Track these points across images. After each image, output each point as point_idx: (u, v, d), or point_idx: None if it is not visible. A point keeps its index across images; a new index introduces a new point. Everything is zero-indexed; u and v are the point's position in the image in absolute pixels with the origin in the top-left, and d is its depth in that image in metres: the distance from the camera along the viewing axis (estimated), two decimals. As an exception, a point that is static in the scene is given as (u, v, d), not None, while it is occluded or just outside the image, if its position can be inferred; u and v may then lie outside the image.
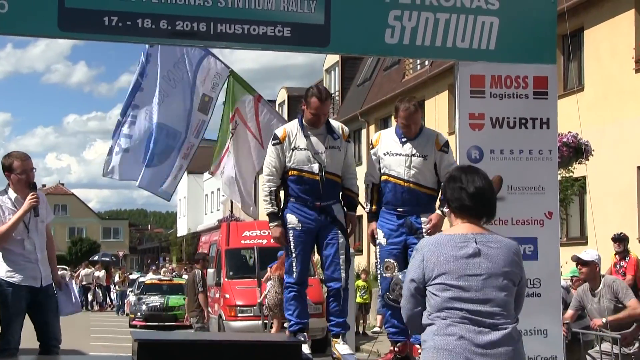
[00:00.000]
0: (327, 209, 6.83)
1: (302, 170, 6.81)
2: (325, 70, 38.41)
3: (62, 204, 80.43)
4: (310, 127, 6.86)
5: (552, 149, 6.67)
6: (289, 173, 6.86)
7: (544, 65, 6.62)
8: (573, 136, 13.99)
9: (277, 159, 6.87)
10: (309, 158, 6.81)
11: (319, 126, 6.87)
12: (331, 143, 6.89)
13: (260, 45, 6.08)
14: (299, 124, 6.94)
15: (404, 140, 6.83)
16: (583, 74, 20.57)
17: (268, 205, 6.90)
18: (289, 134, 6.88)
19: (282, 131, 6.95)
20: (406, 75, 30.01)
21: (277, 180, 6.89)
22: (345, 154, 6.97)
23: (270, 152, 6.93)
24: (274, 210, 6.88)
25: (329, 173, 6.82)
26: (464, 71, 6.55)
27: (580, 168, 14.86)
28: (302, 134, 6.87)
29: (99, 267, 39.19)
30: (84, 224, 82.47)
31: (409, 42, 6.29)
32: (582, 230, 20.59)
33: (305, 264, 6.97)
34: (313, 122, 6.83)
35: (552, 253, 6.59)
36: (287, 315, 7.02)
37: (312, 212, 6.80)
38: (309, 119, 6.84)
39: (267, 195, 6.89)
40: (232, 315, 17.54)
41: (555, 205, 6.66)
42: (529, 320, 6.35)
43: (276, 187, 6.90)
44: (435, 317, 3.90)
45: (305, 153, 6.83)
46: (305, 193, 6.80)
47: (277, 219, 6.88)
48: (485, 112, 6.54)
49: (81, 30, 5.78)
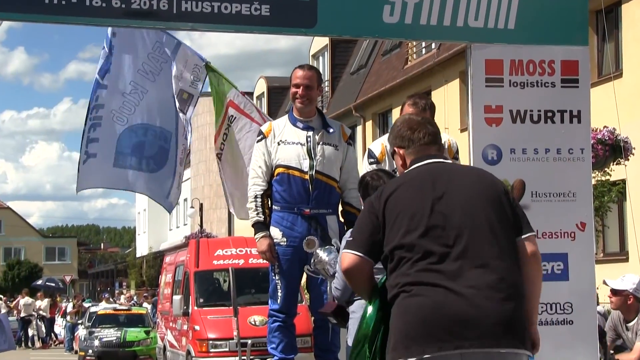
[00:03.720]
0: (318, 219, 6.85)
1: (289, 167, 6.84)
2: (313, 55, 38.44)
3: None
4: (302, 119, 6.89)
5: (585, 147, 6.70)
6: (274, 173, 6.90)
7: (574, 47, 6.64)
8: (609, 132, 14.03)
9: (262, 158, 6.91)
10: (298, 153, 6.84)
11: (302, 104, 6.92)
12: (326, 138, 6.92)
13: (233, 26, 6.09)
14: (289, 117, 7.00)
15: None
16: (621, 58, 20.63)
17: (253, 213, 6.92)
18: (275, 127, 6.96)
19: (268, 125, 7.05)
20: (409, 61, 30.06)
21: (264, 184, 6.93)
22: (345, 156, 7.00)
23: (255, 151, 6.98)
24: (259, 219, 6.91)
25: (322, 173, 6.84)
26: (478, 55, 6.57)
27: (618, 170, 14.89)
28: (291, 126, 6.91)
29: (41, 296, 39.04)
30: (22, 243, 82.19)
31: (412, 21, 6.30)
32: (622, 244, 20.63)
33: (292, 288, 6.99)
34: (294, 98, 6.92)
35: (585, 272, 6.61)
36: (270, 349, 7.05)
37: (300, 222, 6.82)
38: (292, 95, 6.96)
39: (251, 201, 6.93)
40: (203, 350, 17.49)
41: (589, 214, 6.68)
42: (559, 353, 6.36)
43: (262, 192, 6.93)
44: None
45: (293, 147, 6.87)
46: (291, 196, 6.82)
47: (264, 229, 6.89)
48: (503, 104, 6.57)
49: (16, 9, 5.77)
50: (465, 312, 4.11)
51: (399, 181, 4.56)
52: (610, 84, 17.89)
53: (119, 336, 26.17)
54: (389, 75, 30.79)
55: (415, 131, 4.65)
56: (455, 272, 4.19)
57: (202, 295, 18.78)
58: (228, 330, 16.55)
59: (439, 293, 4.15)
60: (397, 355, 4.16)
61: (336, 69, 36.73)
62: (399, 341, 4.18)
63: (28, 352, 34.10)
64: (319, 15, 6.14)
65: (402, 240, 4.29)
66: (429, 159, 4.55)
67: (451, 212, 4.31)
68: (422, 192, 4.37)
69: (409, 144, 4.64)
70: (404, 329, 4.18)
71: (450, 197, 4.35)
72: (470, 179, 4.48)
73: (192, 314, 18.34)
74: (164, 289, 22.56)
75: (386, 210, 4.38)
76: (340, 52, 36.75)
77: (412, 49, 29.84)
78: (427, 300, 4.15)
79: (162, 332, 21.83)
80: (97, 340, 26.15)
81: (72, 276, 71.80)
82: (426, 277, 4.19)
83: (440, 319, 4.12)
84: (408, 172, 4.57)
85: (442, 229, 4.28)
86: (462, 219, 4.30)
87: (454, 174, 4.51)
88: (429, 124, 4.73)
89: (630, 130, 14.44)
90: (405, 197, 4.39)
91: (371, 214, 4.45)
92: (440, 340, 4.10)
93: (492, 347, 4.12)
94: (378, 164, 6.77)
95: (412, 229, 4.28)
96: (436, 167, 4.52)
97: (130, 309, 30.37)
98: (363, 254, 4.40)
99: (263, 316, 16.25)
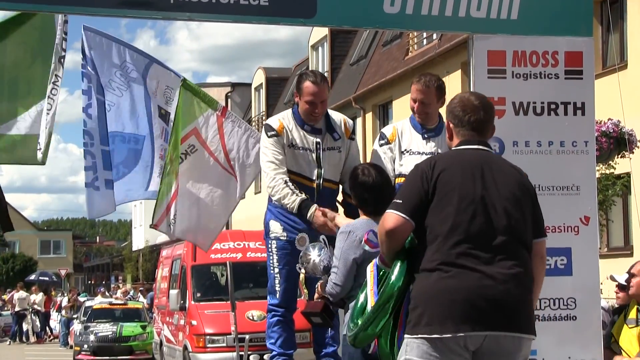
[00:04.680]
0: None
1: (299, 175, 6.83)
2: (312, 46, 38.40)
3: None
4: (306, 123, 6.86)
5: (589, 140, 6.69)
6: None
7: (578, 38, 6.64)
8: (614, 124, 14.02)
9: (278, 150, 6.82)
10: (308, 161, 6.84)
11: (315, 120, 6.87)
12: (330, 144, 6.91)
13: (231, 16, 6.07)
14: (294, 117, 6.94)
15: (426, 135, 6.84)
16: (626, 49, 20.63)
17: (291, 197, 6.70)
18: (286, 125, 6.89)
19: (278, 122, 6.94)
20: (410, 52, 30.04)
21: (286, 172, 6.81)
22: (347, 153, 7.00)
23: (270, 145, 6.86)
24: (302, 196, 6.70)
25: (327, 180, 6.87)
26: (480, 46, 6.56)
27: (623, 163, 14.89)
28: (298, 129, 6.88)
29: (36, 290, 39.06)
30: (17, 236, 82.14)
31: (413, 11, 6.29)
32: (627, 238, 20.65)
33: (292, 283, 6.99)
34: (310, 114, 6.84)
35: (589, 267, 6.61)
36: (269, 344, 7.05)
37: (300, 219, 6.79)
38: (305, 111, 6.85)
39: (283, 187, 6.72)
40: (200, 346, 17.50)
41: (593, 208, 6.68)
42: (563, 349, 6.37)
43: (288, 177, 6.78)
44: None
45: (304, 154, 6.86)
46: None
47: (311, 204, 6.67)
48: (506, 95, 6.56)
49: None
50: (498, 297, 4.59)
51: (451, 160, 4.90)
52: (615, 75, 17.89)
53: (115, 331, 26.19)
54: (390, 66, 30.76)
55: (467, 114, 4.94)
56: (491, 260, 4.64)
57: (200, 290, 18.80)
58: (225, 325, 16.57)
59: (476, 278, 4.59)
60: (432, 331, 4.58)
61: (336, 59, 36.69)
62: (435, 317, 4.59)
63: (22, 347, 34.11)
64: (318, 5, 6.12)
65: (448, 219, 4.69)
66: (476, 145, 4.90)
67: (496, 205, 4.73)
68: (472, 179, 4.76)
69: (457, 123, 4.96)
70: (441, 308, 4.59)
71: (496, 191, 4.76)
72: (513, 177, 4.89)
73: (189, 308, 18.35)
74: (161, 283, 22.58)
75: (438, 183, 4.75)
76: (339, 43, 36.72)
77: (413, 39, 29.81)
78: (465, 284, 4.59)
79: (159, 326, 21.85)
80: (92, 335, 26.17)
81: (67, 270, 71.86)
82: (465, 260, 4.63)
83: (476, 302, 4.57)
84: (458, 154, 4.93)
85: (485, 219, 4.69)
86: (502, 213, 4.72)
87: (500, 168, 4.90)
88: (483, 110, 4.98)
89: (635, 123, 14.40)
90: (457, 177, 4.77)
91: (423, 180, 4.78)
92: (474, 321, 4.56)
93: (515, 332, 4.65)
94: (388, 144, 6.88)
95: (460, 211, 4.69)
96: (485, 156, 4.90)
97: (126, 303, 30.41)
98: (409, 218, 4.75)
99: (261, 311, 16.26)
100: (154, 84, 8.38)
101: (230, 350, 16.28)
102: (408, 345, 4.69)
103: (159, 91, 8.38)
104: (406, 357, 4.70)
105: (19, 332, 36.82)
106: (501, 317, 4.61)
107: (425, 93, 6.77)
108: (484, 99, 5.07)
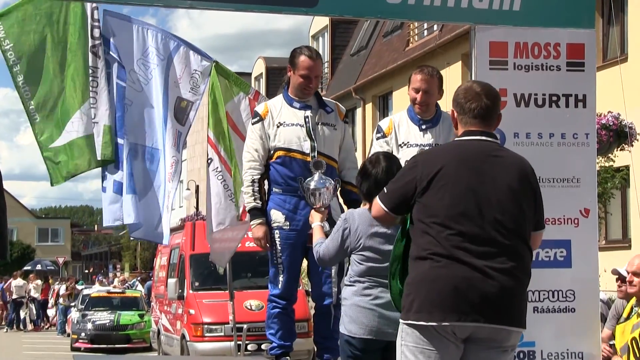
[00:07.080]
0: None
1: (290, 150, 6.82)
2: (312, 36, 38.38)
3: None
4: (298, 99, 6.87)
5: (590, 132, 6.69)
6: (274, 156, 6.87)
7: (579, 30, 6.63)
8: (614, 117, 14.03)
9: (258, 141, 6.87)
10: (298, 135, 6.83)
11: (309, 94, 6.90)
12: (324, 118, 6.92)
13: (232, 4, 6.07)
14: (283, 97, 6.95)
15: (424, 127, 6.84)
16: (626, 42, 20.61)
17: (250, 199, 6.90)
18: (272, 108, 6.91)
19: (264, 106, 6.98)
20: (410, 42, 30.01)
21: (261, 167, 6.90)
22: (344, 136, 7.00)
23: (250, 133, 6.94)
24: (256, 204, 6.89)
25: (323, 154, 6.83)
26: (482, 37, 6.55)
27: (622, 156, 14.89)
28: (288, 106, 6.88)
29: (34, 277, 39.05)
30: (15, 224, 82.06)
31: (415, 1, 6.28)
32: (625, 231, 20.66)
33: (294, 273, 6.98)
34: (303, 88, 6.87)
35: (589, 259, 6.61)
36: (269, 335, 7.05)
37: (302, 205, 6.79)
38: (299, 84, 6.88)
39: (248, 185, 6.89)
40: (198, 335, 17.52)
41: (592, 200, 6.68)
42: (561, 341, 6.37)
43: (259, 176, 6.90)
44: (355, 280, 5.74)
45: (293, 129, 6.84)
46: (293, 180, 6.79)
47: (261, 216, 6.88)
48: (507, 87, 6.55)
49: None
50: (488, 290, 4.63)
51: (449, 152, 4.94)
52: (615, 68, 17.86)
53: (112, 319, 26.23)
54: (390, 57, 30.74)
55: (468, 101, 4.92)
56: (483, 253, 4.67)
57: (198, 279, 18.80)
58: (224, 314, 16.58)
59: (466, 270, 4.64)
60: (421, 318, 4.69)
61: (336, 50, 36.67)
62: (424, 305, 4.69)
63: (20, 334, 34.12)
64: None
65: (441, 210, 4.73)
66: (478, 136, 4.87)
67: (491, 198, 4.74)
68: (469, 173, 4.78)
69: (460, 111, 4.94)
70: (430, 296, 4.68)
71: (494, 184, 4.77)
72: (514, 170, 4.86)
73: (187, 297, 18.36)
74: (159, 271, 22.59)
75: (433, 176, 4.77)
76: (340, 33, 36.68)
77: (414, 30, 29.78)
78: (455, 275, 4.65)
79: (157, 315, 21.86)
80: (90, 323, 26.21)
81: (65, 258, 71.93)
82: (457, 253, 4.67)
83: (465, 293, 4.63)
84: (458, 145, 4.94)
85: (479, 212, 4.71)
86: (498, 206, 4.74)
87: (501, 161, 4.87)
88: (486, 97, 4.95)
89: (635, 116, 14.38)
90: (453, 170, 4.78)
91: (416, 174, 4.84)
92: (462, 312, 4.63)
93: (502, 324, 4.70)
94: (384, 137, 6.88)
95: (455, 204, 4.72)
96: (486, 148, 4.87)
97: (124, 291, 30.42)
98: (390, 210, 4.97)
99: (259, 301, 16.30)
100: (181, 68, 8.33)
101: (228, 340, 16.27)
102: (403, 332, 4.81)
103: (184, 75, 8.33)
104: (402, 343, 4.80)
105: (16, 320, 36.82)
106: (488, 309, 4.66)
107: (429, 82, 6.78)
108: (488, 87, 5.05)
